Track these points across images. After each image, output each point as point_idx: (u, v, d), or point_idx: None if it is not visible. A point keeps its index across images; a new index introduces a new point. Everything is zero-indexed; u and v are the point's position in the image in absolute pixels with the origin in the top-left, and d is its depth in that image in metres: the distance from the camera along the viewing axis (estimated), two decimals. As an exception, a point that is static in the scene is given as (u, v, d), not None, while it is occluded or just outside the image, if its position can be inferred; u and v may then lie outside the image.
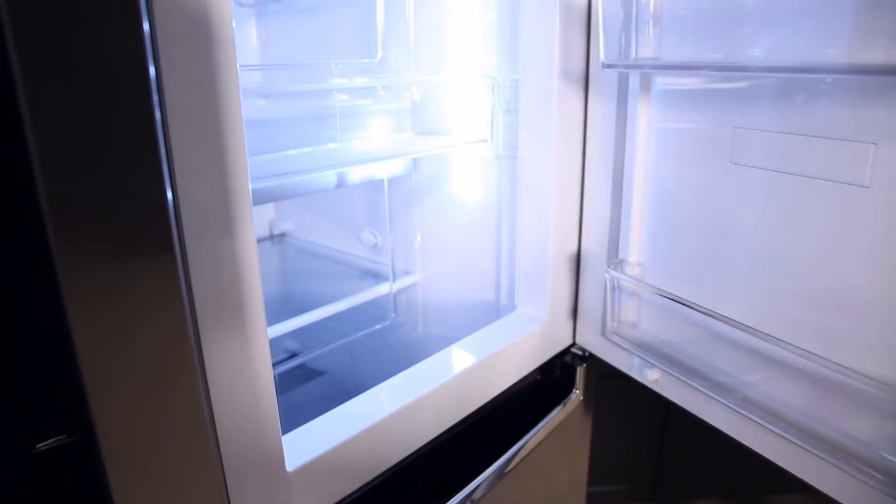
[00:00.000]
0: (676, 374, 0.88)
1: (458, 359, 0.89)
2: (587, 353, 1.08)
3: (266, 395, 0.62)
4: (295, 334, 1.17)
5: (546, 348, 1.04)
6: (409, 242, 1.24)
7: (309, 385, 1.31)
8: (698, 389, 0.85)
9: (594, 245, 1.00)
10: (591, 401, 1.14)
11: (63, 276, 0.40)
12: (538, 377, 1.06)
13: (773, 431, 0.76)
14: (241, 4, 1.16)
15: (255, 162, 0.82)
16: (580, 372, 1.08)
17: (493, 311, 1.14)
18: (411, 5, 1.08)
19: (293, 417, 0.73)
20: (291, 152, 0.88)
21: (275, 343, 1.07)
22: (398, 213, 1.22)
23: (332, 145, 0.92)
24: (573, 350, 1.08)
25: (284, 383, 1.28)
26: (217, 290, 0.55)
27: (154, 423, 0.49)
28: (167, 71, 0.48)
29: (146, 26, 0.43)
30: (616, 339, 0.96)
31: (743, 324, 0.78)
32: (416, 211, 1.20)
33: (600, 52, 0.87)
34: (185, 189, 0.51)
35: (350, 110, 1.04)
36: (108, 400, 0.45)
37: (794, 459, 0.76)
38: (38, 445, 0.45)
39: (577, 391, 1.08)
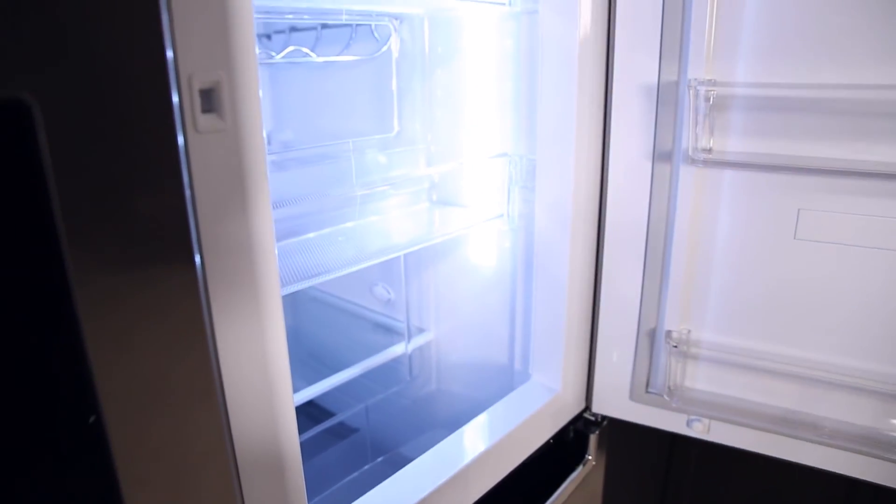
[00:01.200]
0: (731, 420, 0.94)
1: (474, 441, 0.91)
2: (601, 419, 1.10)
3: (293, 460, 0.63)
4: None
5: (560, 417, 1.05)
6: (423, 300, 1.25)
7: (324, 434, 1.33)
8: (753, 428, 0.92)
9: (618, 314, 1.01)
10: (602, 463, 1.16)
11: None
12: (550, 442, 1.08)
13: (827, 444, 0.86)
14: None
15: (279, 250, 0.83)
16: (593, 439, 1.09)
17: (506, 375, 1.15)
18: (422, 80, 1.08)
19: (313, 475, 0.74)
20: (311, 235, 0.89)
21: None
22: (413, 271, 1.23)
23: (350, 224, 0.93)
24: (586, 416, 1.10)
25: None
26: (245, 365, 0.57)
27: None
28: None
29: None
30: (661, 401, 0.98)
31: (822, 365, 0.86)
32: (430, 272, 1.21)
33: (689, 144, 0.87)
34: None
35: (366, 171, 1.05)
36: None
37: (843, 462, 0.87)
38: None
39: (590, 457, 1.10)
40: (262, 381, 0.58)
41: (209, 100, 0.50)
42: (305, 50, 1.06)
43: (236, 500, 0.57)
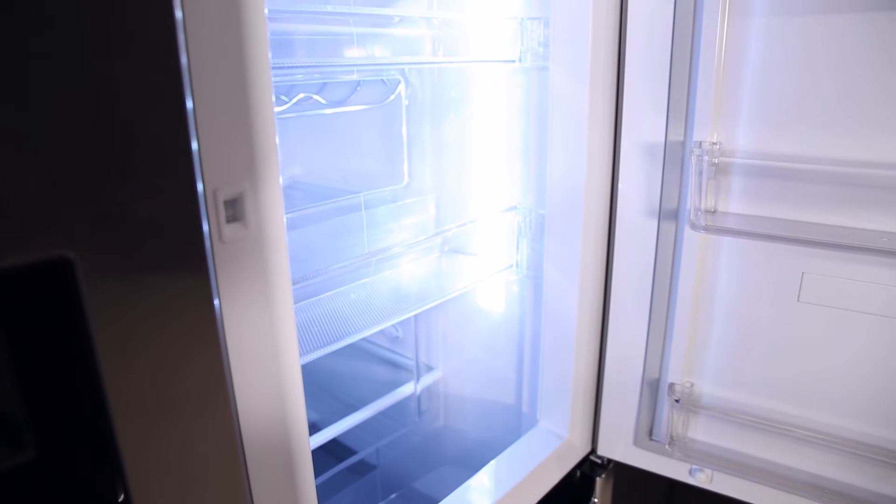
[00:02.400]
0: (732, 474, 0.96)
1: (484, 493, 0.93)
2: (606, 461, 1.12)
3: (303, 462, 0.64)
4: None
5: (566, 461, 1.07)
6: (431, 338, 1.27)
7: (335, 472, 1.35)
8: (754, 482, 0.94)
9: (624, 365, 1.03)
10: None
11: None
12: (557, 484, 1.10)
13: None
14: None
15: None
16: (599, 481, 1.11)
17: (514, 416, 1.18)
18: (431, 127, 1.10)
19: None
20: (325, 295, 0.91)
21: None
22: (422, 312, 1.25)
23: (364, 280, 0.95)
24: (592, 458, 1.12)
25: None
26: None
27: None
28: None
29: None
30: (664, 448, 1.01)
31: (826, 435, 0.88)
32: (439, 313, 1.23)
33: (692, 205, 0.89)
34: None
35: (377, 222, 1.07)
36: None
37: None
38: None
39: (597, 500, 1.12)
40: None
41: (233, 209, 0.52)
42: (316, 97, 1.08)
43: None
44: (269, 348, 0.55)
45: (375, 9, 0.78)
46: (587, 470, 1.12)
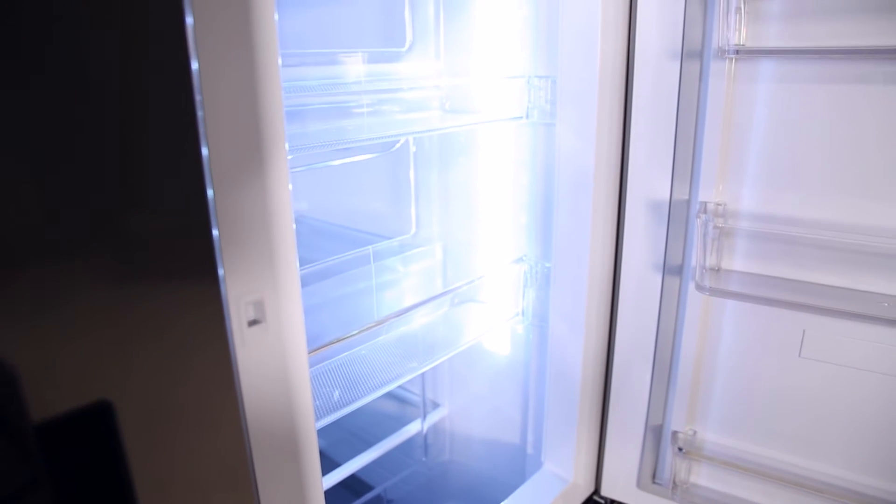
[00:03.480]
0: None
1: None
2: (609, 502, 1.14)
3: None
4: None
5: (571, 502, 1.10)
6: (437, 375, 1.29)
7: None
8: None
9: (627, 411, 1.05)
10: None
11: None
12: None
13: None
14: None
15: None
16: (603, 522, 1.14)
17: (519, 455, 1.20)
18: (438, 176, 1.12)
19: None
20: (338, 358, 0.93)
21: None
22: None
23: (376, 340, 0.97)
24: (595, 498, 1.14)
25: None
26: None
27: None
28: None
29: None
30: (667, 492, 1.03)
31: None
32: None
33: (697, 263, 0.92)
34: None
35: (386, 271, 1.09)
36: None
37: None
38: None
39: (600, 540, 1.14)
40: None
41: (255, 317, 0.54)
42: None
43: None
44: (289, 425, 0.57)
45: (386, 82, 0.80)
46: (591, 510, 1.14)
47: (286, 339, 0.56)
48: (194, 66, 0.45)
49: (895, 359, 0.82)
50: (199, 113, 0.46)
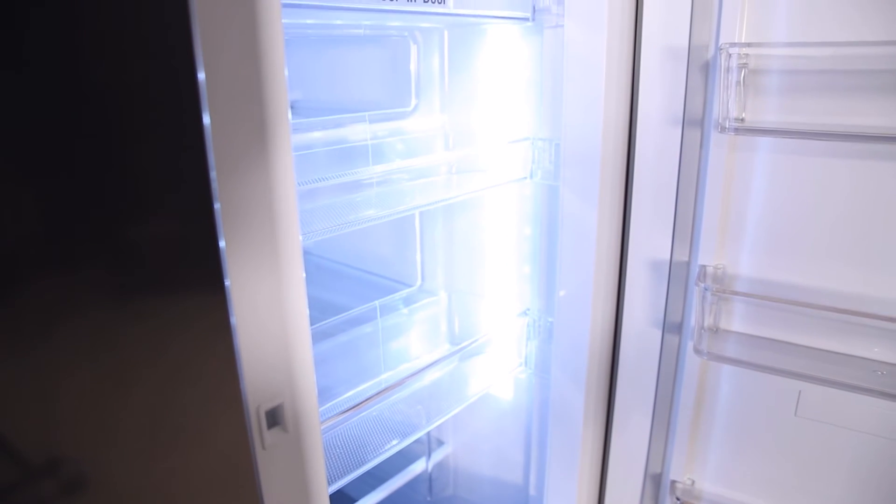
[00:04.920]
0: None
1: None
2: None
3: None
4: None
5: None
6: (441, 413, 1.32)
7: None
8: None
9: (627, 460, 1.08)
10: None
11: None
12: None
13: None
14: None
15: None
16: (602, 564, 1.17)
17: (521, 496, 1.23)
18: (443, 231, 1.14)
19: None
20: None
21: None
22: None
23: (390, 399, 0.99)
24: (595, 540, 1.17)
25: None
26: None
27: None
28: None
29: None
30: None
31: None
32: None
33: (694, 329, 0.92)
34: None
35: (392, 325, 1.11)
36: None
37: None
38: None
39: (599, 580, 1.17)
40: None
41: (273, 418, 0.57)
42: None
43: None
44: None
45: (394, 153, 0.82)
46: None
47: (306, 448, 0.58)
48: (206, 120, 0.48)
49: (891, 423, 0.85)
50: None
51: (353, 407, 0.82)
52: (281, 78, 0.52)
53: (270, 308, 0.54)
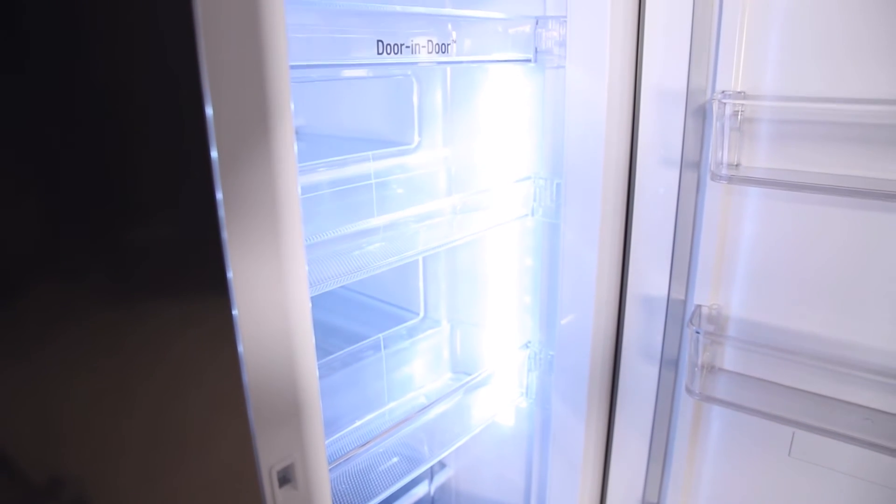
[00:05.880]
0: None
1: None
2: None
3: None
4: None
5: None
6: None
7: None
8: None
9: (626, 491, 1.11)
10: None
11: None
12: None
13: None
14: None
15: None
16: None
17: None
18: (445, 262, 1.16)
19: None
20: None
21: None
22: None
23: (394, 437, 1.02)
24: (594, 563, 1.20)
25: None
26: None
27: None
28: None
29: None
30: None
31: None
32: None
33: (688, 367, 0.95)
34: None
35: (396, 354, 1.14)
36: None
37: None
38: None
39: None
40: None
41: (285, 476, 0.59)
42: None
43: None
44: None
45: (400, 214, 0.84)
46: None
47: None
48: (214, 154, 0.48)
49: (884, 469, 0.87)
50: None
51: (360, 446, 0.84)
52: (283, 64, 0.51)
53: (282, 366, 0.57)
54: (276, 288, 0.54)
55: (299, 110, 1.28)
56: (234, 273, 0.51)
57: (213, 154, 0.48)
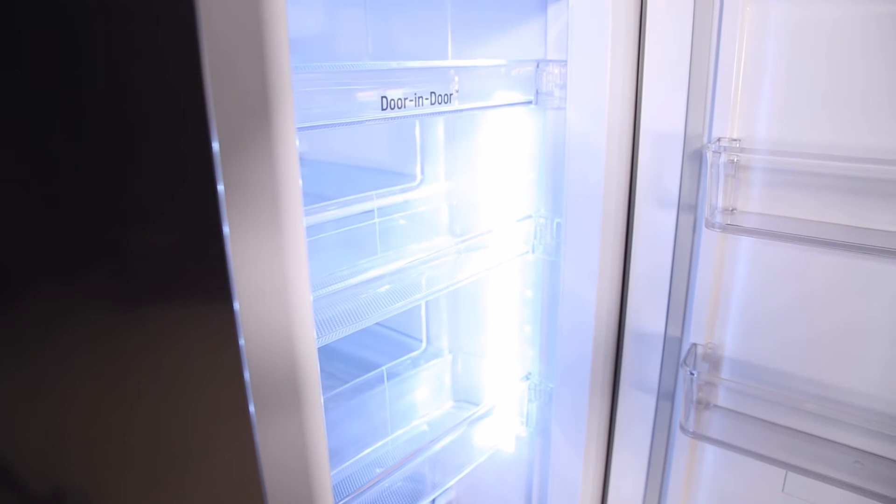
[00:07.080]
0: None
1: None
2: None
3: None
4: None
5: None
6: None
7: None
8: None
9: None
10: None
11: None
12: None
13: None
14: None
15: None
16: None
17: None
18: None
19: None
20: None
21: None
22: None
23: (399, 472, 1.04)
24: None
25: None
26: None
27: None
28: None
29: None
30: None
31: None
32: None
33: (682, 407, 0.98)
34: None
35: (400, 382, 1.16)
36: None
37: None
38: None
39: None
40: None
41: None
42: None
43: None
44: None
45: (403, 261, 0.87)
46: None
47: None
48: (220, 188, 0.47)
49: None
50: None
51: (367, 484, 0.87)
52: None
53: (284, 361, 0.59)
54: (279, 283, 0.53)
55: (302, 137, 1.30)
56: (235, 273, 0.50)
57: (215, 146, 0.46)
